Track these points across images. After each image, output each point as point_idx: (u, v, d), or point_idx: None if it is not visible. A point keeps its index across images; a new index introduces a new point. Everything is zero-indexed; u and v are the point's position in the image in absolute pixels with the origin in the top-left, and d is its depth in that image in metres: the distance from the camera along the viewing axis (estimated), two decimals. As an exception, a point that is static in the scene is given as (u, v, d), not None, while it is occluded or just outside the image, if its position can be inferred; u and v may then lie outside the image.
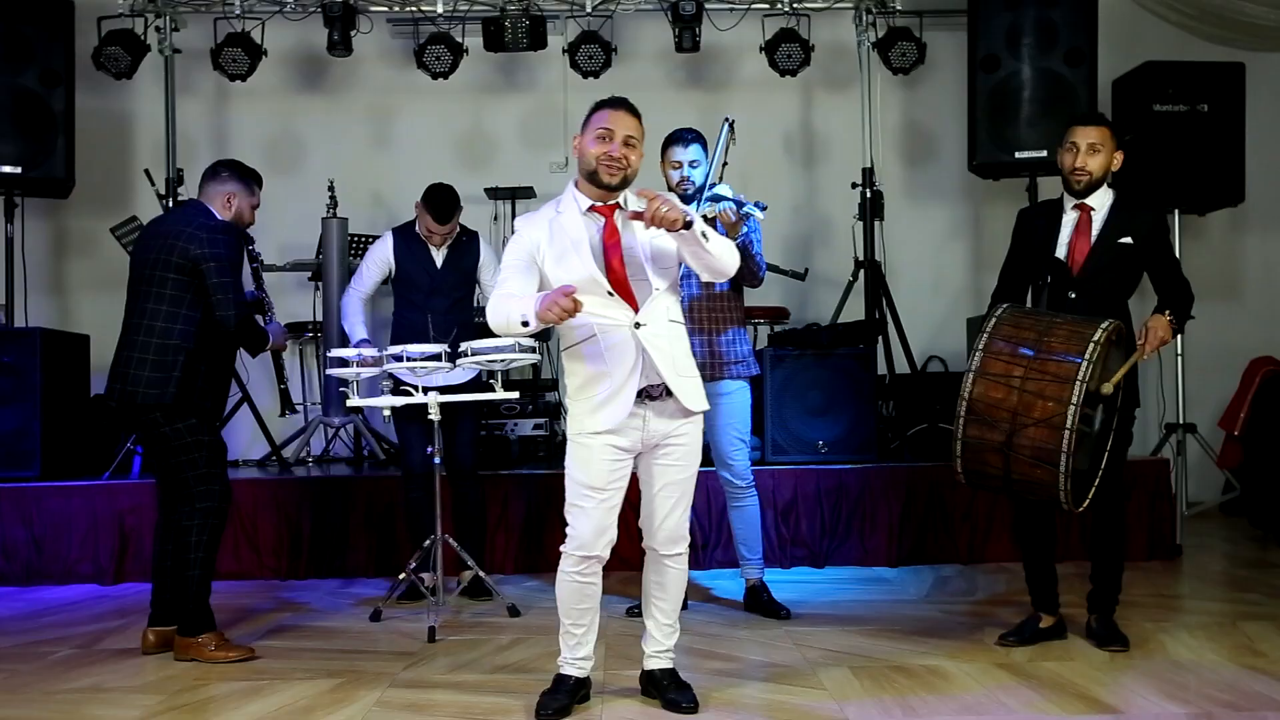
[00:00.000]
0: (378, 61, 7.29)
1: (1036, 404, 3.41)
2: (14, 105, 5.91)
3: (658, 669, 3.28)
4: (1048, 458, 3.39)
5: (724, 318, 4.40)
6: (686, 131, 4.44)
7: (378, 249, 4.99)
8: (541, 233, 3.18)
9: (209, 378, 3.94)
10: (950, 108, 6.99)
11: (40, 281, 6.84)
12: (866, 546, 5.55)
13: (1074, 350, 3.43)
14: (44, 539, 5.39)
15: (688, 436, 3.20)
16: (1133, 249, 3.81)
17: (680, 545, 3.24)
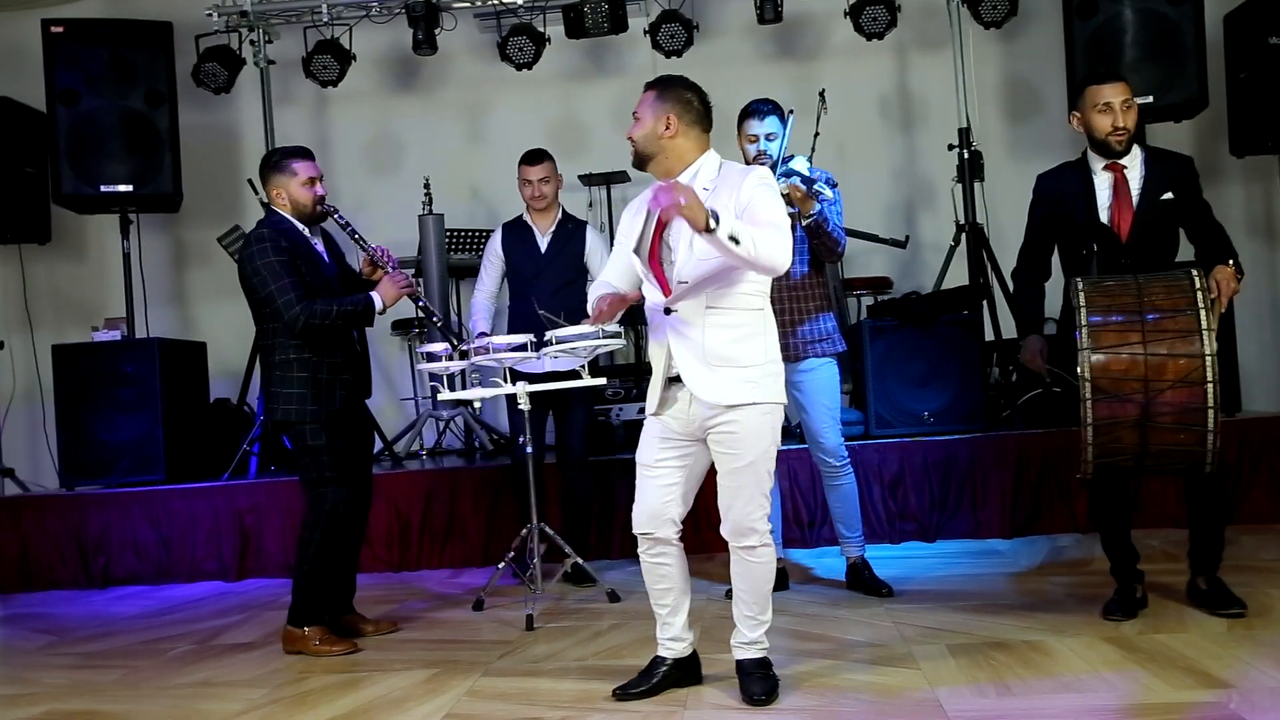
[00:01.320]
0: (467, 57, 7.37)
1: (1168, 365, 3.24)
2: (122, 127, 6.18)
3: (745, 659, 3.21)
4: (1193, 418, 3.23)
5: (806, 296, 4.31)
6: (762, 103, 4.35)
7: (489, 245, 5.13)
8: (628, 216, 3.23)
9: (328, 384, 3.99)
10: (1050, 59, 6.68)
11: (160, 293, 7.15)
12: (979, 518, 5.39)
13: (1183, 303, 3.27)
14: (171, 539, 5.64)
15: (735, 424, 3.04)
16: (1174, 204, 3.65)
17: (749, 538, 3.09)
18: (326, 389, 3.98)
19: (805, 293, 4.30)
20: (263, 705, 3.35)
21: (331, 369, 4.00)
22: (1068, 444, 5.34)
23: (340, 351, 4.03)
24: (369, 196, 7.30)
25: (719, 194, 3.07)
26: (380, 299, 3.99)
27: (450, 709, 3.19)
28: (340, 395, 4.01)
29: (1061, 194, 3.79)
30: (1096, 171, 3.73)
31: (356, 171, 7.43)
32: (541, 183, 4.95)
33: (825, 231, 4.12)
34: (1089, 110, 3.71)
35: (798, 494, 5.38)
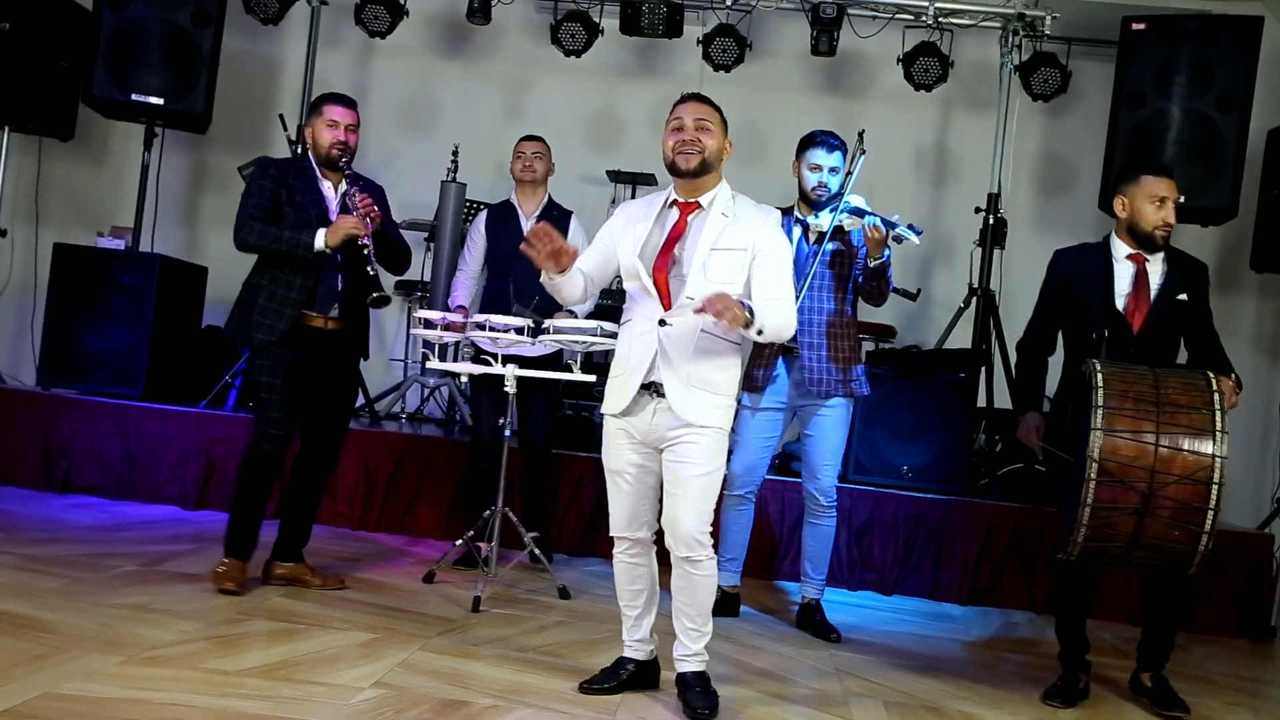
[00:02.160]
0: (518, 33, 7.35)
1: (1177, 459, 3.23)
2: (165, 40, 6.14)
3: (687, 671, 3.23)
4: (1191, 517, 3.22)
5: (842, 334, 4.35)
6: (831, 136, 4.37)
7: (474, 225, 5.15)
8: (625, 218, 3.27)
9: (264, 310, 3.98)
10: (1090, 141, 6.68)
11: (172, 213, 7.11)
12: (938, 580, 5.38)
13: (1199, 402, 3.28)
14: (137, 456, 5.60)
15: (697, 437, 3.08)
16: (1187, 307, 3.67)
17: (696, 550, 3.10)
18: (270, 316, 3.96)
19: (843, 331, 4.34)
20: (194, 639, 3.33)
21: (281, 300, 3.97)
22: (1039, 522, 5.36)
23: (299, 288, 3.98)
24: (397, 153, 7.28)
25: (738, 223, 3.17)
26: (324, 236, 3.92)
27: (380, 677, 3.16)
28: (280, 330, 3.94)
29: (1079, 273, 3.78)
30: (1119, 259, 3.73)
31: (389, 126, 7.41)
32: (534, 155, 5.04)
33: (885, 277, 4.14)
34: (1141, 199, 3.68)
35: (764, 525, 5.36)
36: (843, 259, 4.32)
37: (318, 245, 3.93)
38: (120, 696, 2.76)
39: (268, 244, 3.94)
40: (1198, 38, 5.72)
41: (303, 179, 4.07)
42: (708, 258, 3.11)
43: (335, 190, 4.12)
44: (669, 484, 3.16)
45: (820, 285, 4.30)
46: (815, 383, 4.27)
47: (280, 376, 3.99)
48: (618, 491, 3.21)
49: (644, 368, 3.11)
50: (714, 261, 3.11)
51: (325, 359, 4.08)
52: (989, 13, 6.40)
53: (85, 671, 2.91)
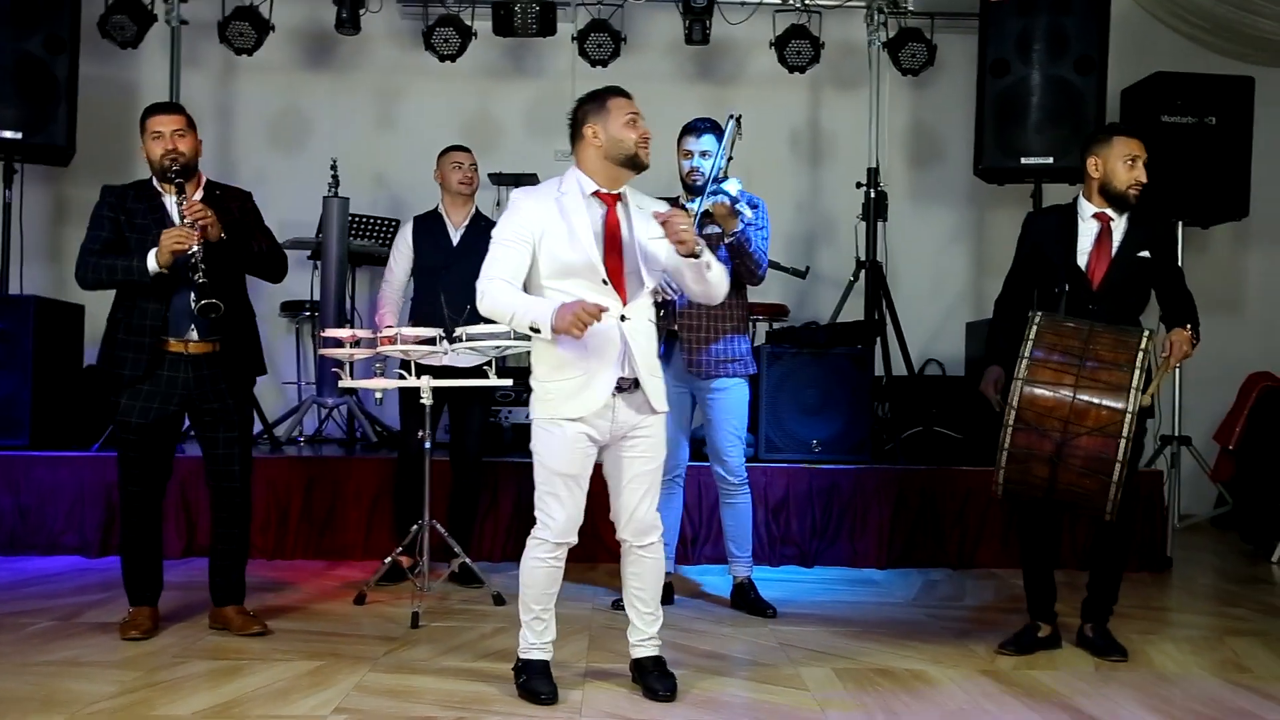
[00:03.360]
0: (386, 41, 7.25)
1: (1090, 412, 3.40)
2: (17, 70, 5.87)
3: (644, 656, 3.31)
4: (1101, 467, 3.39)
5: (725, 316, 4.35)
6: (700, 121, 4.41)
7: (399, 237, 5.03)
8: (546, 210, 3.19)
9: (124, 344, 3.80)
10: (958, 111, 6.95)
11: (37, 249, 6.80)
12: (856, 548, 5.52)
13: (1123, 359, 3.44)
14: (29, 508, 5.35)
15: (653, 429, 3.25)
16: (1149, 263, 3.80)
17: (652, 535, 3.28)
18: (132, 350, 3.76)
19: (724, 313, 4.34)
20: (137, 688, 3.21)
21: (137, 330, 3.77)
22: (946, 481, 5.55)
23: (152, 315, 3.75)
24: (270, 171, 7.10)
25: (649, 216, 3.24)
26: (154, 256, 3.66)
27: (339, 703, 3.11)
28: (144, 362, 3.74)
29: (1046, 233, 3.91)
30: (1084, 218, 3.85)
31: (259, 144, 7.23)
32: (471, 167, 4.95)
33: (747, 252, 4.18)
34: (1114, 159, 3.76)
35: (685, 511, 5.41)
36: (717, 240, 4.37)
37: (150, 268, 3.66)
38: (75, 755, 2.66)
39: (105, 277, 3.77)
40: (1052, 6, 5.99)
41: (144, 200, 3.85)
42: (648, 248, 3.19)
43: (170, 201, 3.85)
44: (625, 478, 3.23)
45: None
46: (697, 364, 4.30)
47: (137, 414, 3.77)
48: (569, 496, 3.18)
49: (614, 365, 3.13)
50: (650, 252, 3.18)
51: (200, 385, 3.82)
52: (853, -7, 6.58)
53: (31, 734, 2.79)
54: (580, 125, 3.24)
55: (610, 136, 3.18)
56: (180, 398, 3.81)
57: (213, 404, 3.87)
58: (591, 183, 3.21)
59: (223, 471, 3.94)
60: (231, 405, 3.92)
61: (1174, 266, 3.90)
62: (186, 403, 3.84)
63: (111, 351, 3.81)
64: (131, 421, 3.78)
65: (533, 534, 3.23)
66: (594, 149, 3.21)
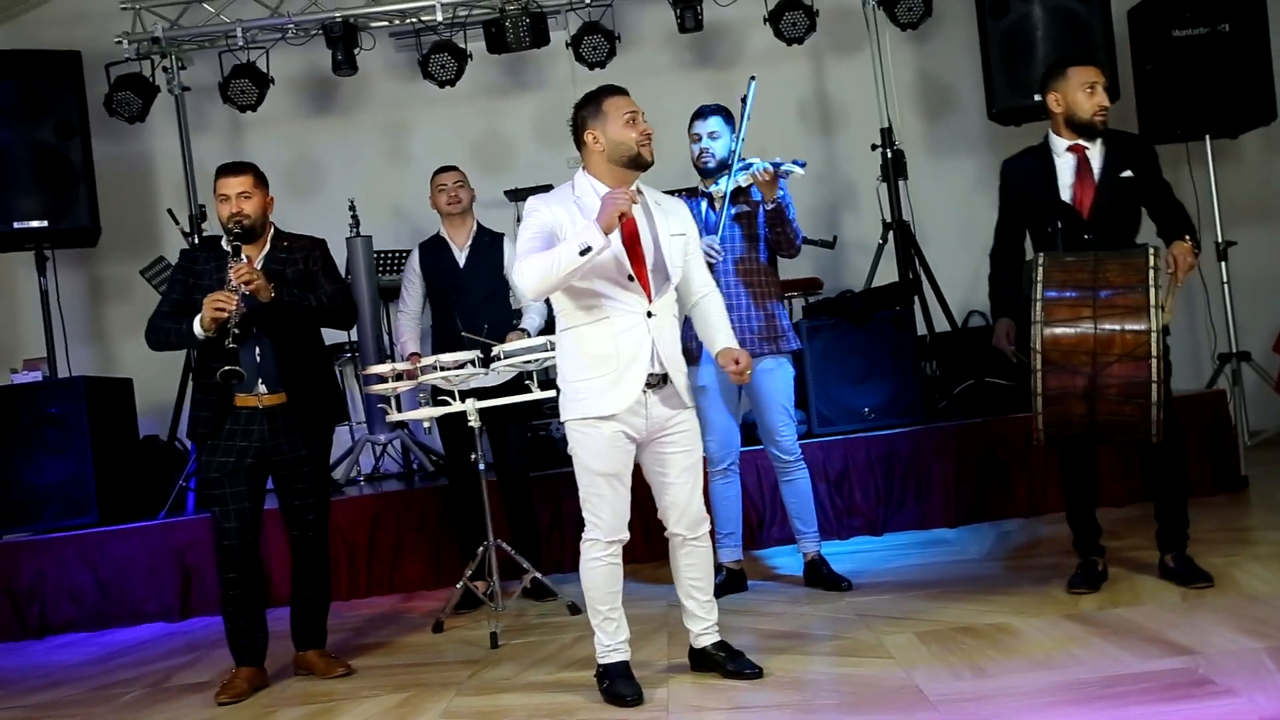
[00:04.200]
0: (386, 76, 7.31)
1: (1115, 339, 3.37)
2: (34, 160, 5.99)
3: (709, 644, 3.34)
4: (1137, 391, 3.36)
5: (763, 292, 4.36)
6: (705, 106, 4.45)
7: (408, 265, 5.09)
8: (564, 210, 3.20)
9: (199, 403, 3.91)
10: (964, 58, 6.87)
11: (79, 330, 6.93)
12: (924, 509, 5.47)
13: (1134, 280, 3.40)
14: (109, 582, 5.45)
15: (688, 423, 3.29)
16: (1134, 182, 3.77)
17: (705, 526, 3.33)
18: (204, 408, 3.86)
19: (763, 280, 4.35)
20: (232, 742, 3.27)
21: (205, 389, 3.85)
22: (1004, 431, 5.49)
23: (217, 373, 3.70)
24: (291, 220, 7.05)
25: (668, 210, 3.33)
26: (198, 321, 3.76)
27: (430, 731, 3.14)
28: (211, 420, 3.82)
29: (1026, 176, 3.89)
30: (1059, 153, 3.83)
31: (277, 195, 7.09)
32: (456, 185, 4.99)
33: (787, 219, 4.19)
34: (1073, 90, 3.76)
35: (746, 496, 5.40)
36: (749, 219, 4.36)
37: (197, 332, 3.76)
38: (180, 816, 2.70)
39: (164, 340, 3.88)
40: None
41: (214, 260, 3.90)
42: (669, 245, 3.20)
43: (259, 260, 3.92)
44: (668, 474, 3.25)
45: (731, 248, 4.33)
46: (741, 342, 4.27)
47: (215, 469, 3.80)
48: (613, 494, 3.20)
49: (644, 362, 3.15)
50: (672, 249, 3.21)
51: (271, 436, 3.85)
52: (840, -45, 6.53)
53: (135, 801, 2.84)
54: (581, 132, 3.24)
55: (610, 139, 3.17)
56: (256, 450, 3.85)
57: (286, 454, 3.91)
58: (603, 186, 3.20)
59: (299, 520, 4.00)
60: (304, 455, 3.95)
61: (1159, 180, 3.85)
62: (262, 455, 3.87)
63: (193, 413, 3.93)
64: (212, 477, 3.84)
65: (584, 537, 3.27)
66: (597, 154, 3.21)
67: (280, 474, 3.94)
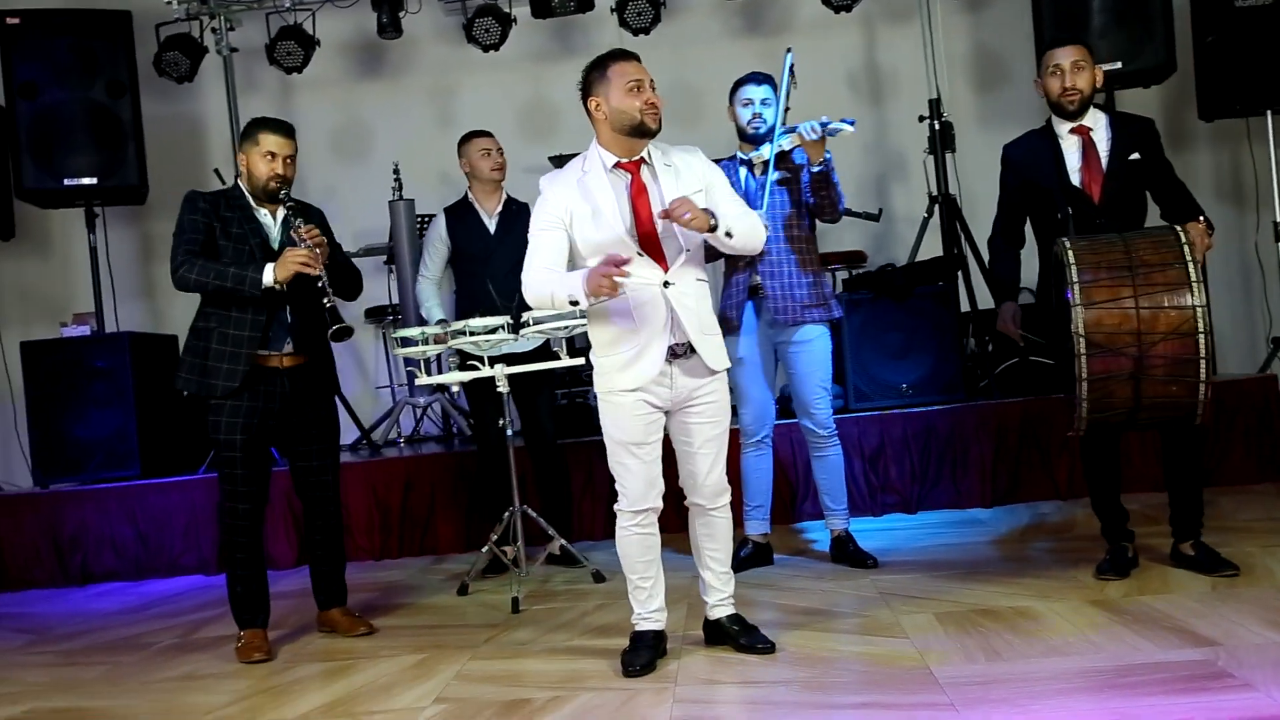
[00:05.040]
0: (432, 40, 7.30)
1: (1160, 317, 3.28)
2: (86, 118, 6.08)
3: (723, 616, 3.33)
4: (1185, 370, 3.27)
5: (809, 258, 4.32)
6: (756, 72, 4.40)
7: (432, 230, 5.07)
8: (569, 193, 3.17)
9: (217, 355, 3.77)
10: (1017, 28, 6.68)
11: (128, 287, 7.04)
12: (960, 488, 5.40)
13: (1170, 257, 3.31)
14: (149, 535, 5.57)
15: (716, 393, 3.23)
16: (1142, 164, 3.69)
17: (725, 497, 3.29)
18: (227, 361, 3.73)
19: (803, 249, 4.29)
20: (248, 696, 3.32)
21: (234, 341, 3.74)
22: (1045, 412, 5.39)
23: (251, 326, 3.75)
24: (338, 183, 7.23)
25: (681, 168, 3.21)
26: (272, 270, 3.68)
27: (439, 693, 3.16)
28: (241, 373, 3.73)
29: (1030, 161, 3.81)
30: (1063, 136, 3.75)
31: (324, 159, 7.35)
32: (498, 152, 4.95)
33: (832, 182, 4.12)
34: (1045, 74, 3.77)
35: (778, 470, 5.35)
36: (791, 184, 4.30)
37: (266, 280, 3.67)
38: (189, 766, 2.76)
39: (211, 280, 3.69)
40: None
41: (237, 210, 3.83)
42: None
43: (275, 218, 3.90)
44: (691, 443, 3.22)
45: (775, 214, 4.27)
46: (782, 311, 4.23)
47: (240, 430, 3.75)
48: (637, 463, 3.18)
49: (664, 333, 3.11)
50: None
51: (290, 399, 3.86)
52: (893, -80, 6.38)
53: (148, 750, 2.90)
54: (585, 99, 3.18)
55: (613, 108, 3.11)
56: (277, 411, 3.86)
57: (308, 414, 3.93)
58: (611, 155, 3.16)
59: (317, 481, 4.00)
60: (323, 415, 4.00)
61: (1163, 162, 3.75)
62: (281, 416, 3.87)
63: (202, 363, 3.76)
64: (236, 439, 3.76)
65: (616, 506, 3.26)
66: (601, 122, 3.16)
67: (295, 435, 3.93)
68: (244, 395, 3.78)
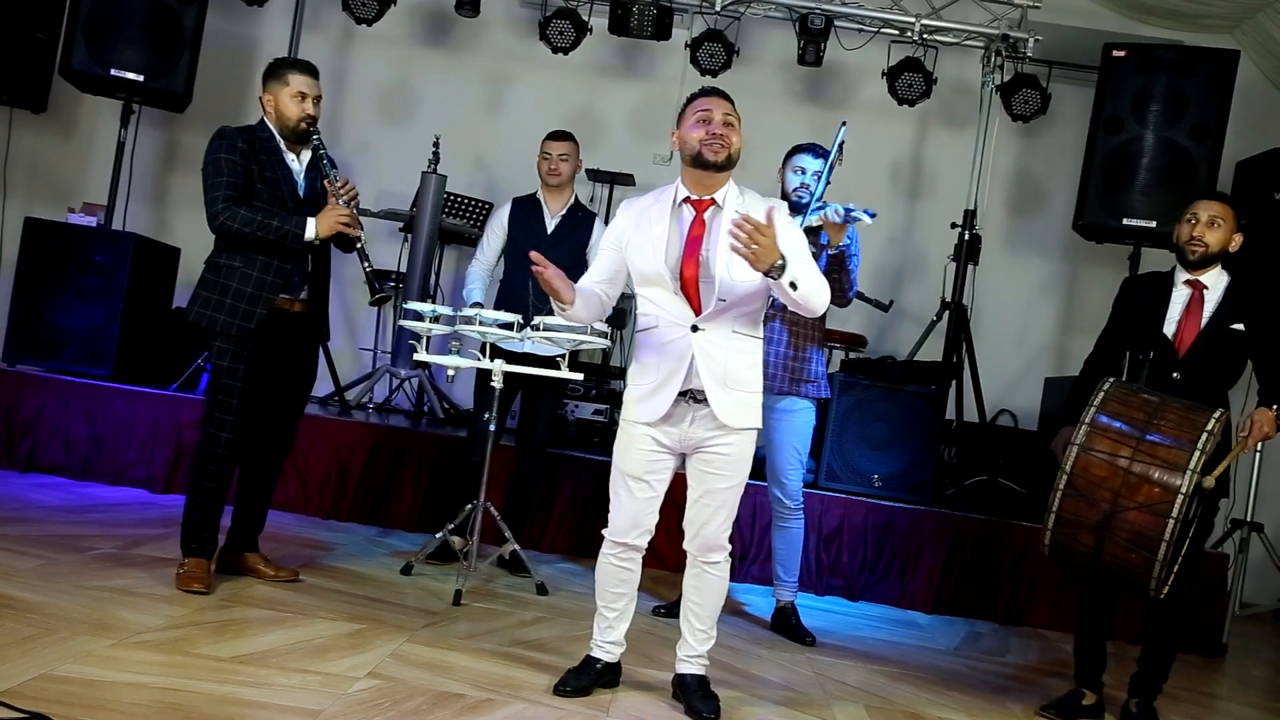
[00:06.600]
0: (502, 28, 7.35)
1: (1142, 488, 3.31)
2: (147, 15, 6.04)
3: (689, 674, 3.27)
4: (1146, 544, 3.29)
5: (805, 334, 4.37)
6: (815, 145, 4.49)
7: (495, 215, 5.10)
8: (631, 220, 3.21)
9: (237, 294, 3.77)
10: (1064, 163, 6.85)
11: (143, 190, 7.01)
12: (904, 588, 5.46)
13: (1186, 437, 3.33)
14: (104, 438, 5.51)
15: (732, 448, 3.12)
16: (1243, 336, 3.69)
17: (716, 554, 3.19)
18: (246, 301, 3.76)
19: (807, 323, 4.35)
20: (182, 625, 3.29)
21: (257, 284, 3.78)
22: (1003, 534, 5.47)
23: (275, 271, 3.79)
24: (374, 140, 7.25)
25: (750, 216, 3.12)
26: (314, 226, 3.76)
27: (373, 668, 3.15)
28: (258, 315, 3.76)
29: (1139, 298, 3.86)
30: (1177, 284, 3.79)
31: (367, 113, 7.37)
32: (560, 158, 4.95)
33: (846, 269, 4.18)
34: (1181, 219, 3.80)
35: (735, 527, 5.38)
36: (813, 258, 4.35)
37: (308, 236, 3.75)
38: (117, 680, 2.73)
39: (253, 231, 3.70)
40: (1174, 68, 5.87)
41: (268, 152, 3.83)
42: (730, 256, 3.05)
43: (300, 163, 3.92)
44: (699, 492, 3.16)
45: None
46: (772, 379, 4.28)
47: (244, 362, 3.78)
48: (629, 496, 3.17)
49: (680, 375, 3.07)
50: (738, 260, 3.05)
51: (289, 342, 3.91)
52: (973, 32, 6.51)
53: (78, 654, 2.87)
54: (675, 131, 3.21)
55: (683, 138, 3.13)
56: (275, 352, 3.88)
57: (297, 361, 3.98)
58: (684, 190, 3.17)
59: (285, 425, 4.06)
60: (313, 362, 4.08)
61: (1274, 342, 3.74)
62: (276, 357, 3.90)
63: (220, 299, 3.77)
64: (240, 368, 3.77)
65: (604, 531, 3.26)
66: (679, 154, 3.18)
67: (277, 376, 3.93)
68: (253, 334, 3.81)
